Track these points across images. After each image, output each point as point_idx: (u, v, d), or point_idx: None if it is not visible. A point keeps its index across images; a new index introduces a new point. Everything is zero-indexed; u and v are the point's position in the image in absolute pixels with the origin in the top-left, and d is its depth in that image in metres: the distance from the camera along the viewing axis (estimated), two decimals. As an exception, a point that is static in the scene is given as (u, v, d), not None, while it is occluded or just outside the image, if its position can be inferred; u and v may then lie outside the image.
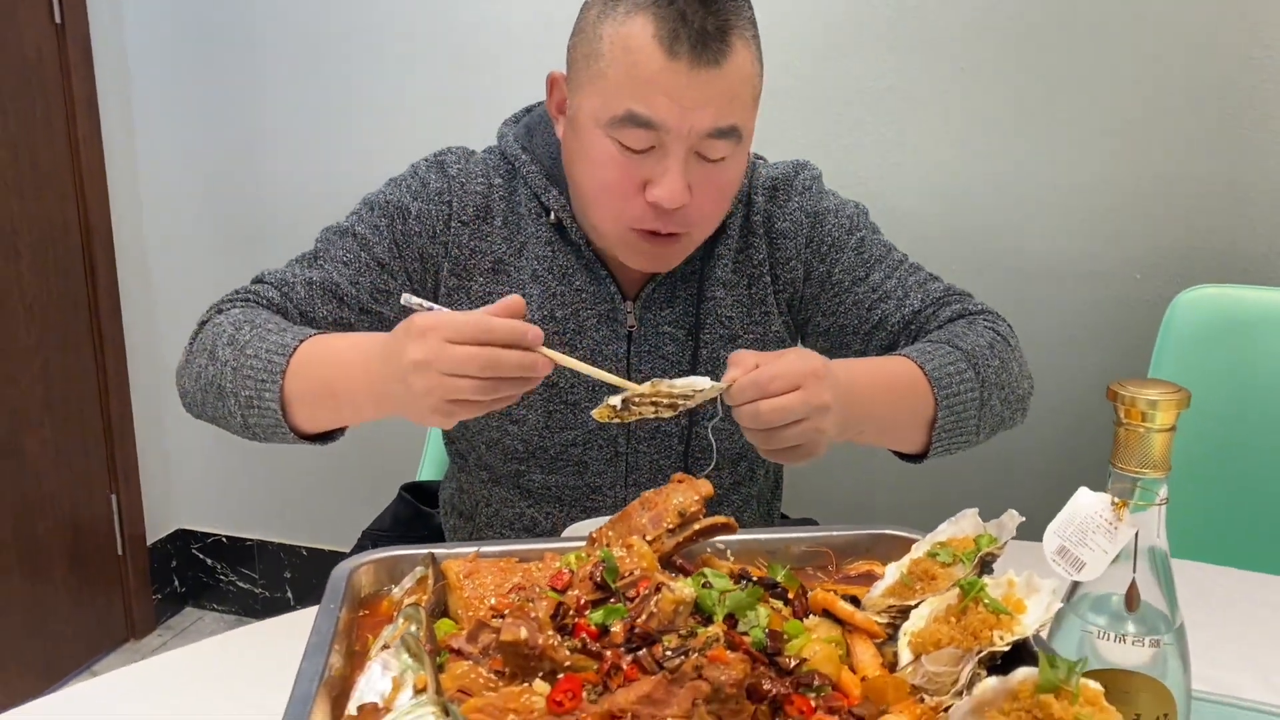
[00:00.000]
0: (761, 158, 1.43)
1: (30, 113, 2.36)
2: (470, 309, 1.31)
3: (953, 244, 2.14)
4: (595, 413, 1.03)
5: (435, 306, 1.04)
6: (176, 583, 2.86)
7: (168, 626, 2.81)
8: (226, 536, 2.85)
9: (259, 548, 2.81)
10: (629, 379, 1.32)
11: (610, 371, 1.32)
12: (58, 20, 2.39)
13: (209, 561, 2.87)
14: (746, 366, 1.03)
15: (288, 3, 2.43)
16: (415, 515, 1.60)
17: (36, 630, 2.46)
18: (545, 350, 0.99)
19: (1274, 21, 1.89)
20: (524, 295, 1.31)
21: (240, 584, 2.86)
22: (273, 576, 2.82)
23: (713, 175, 1.20)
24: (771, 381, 1.01)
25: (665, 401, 1.00)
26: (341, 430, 1.19)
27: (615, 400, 1.01)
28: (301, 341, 1.13)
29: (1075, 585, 0.85)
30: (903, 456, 1.28)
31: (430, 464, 1.75)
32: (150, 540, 2.78)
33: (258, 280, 1.32)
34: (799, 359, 1.04)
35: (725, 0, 1.15)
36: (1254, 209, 1.97)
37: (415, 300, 1.05)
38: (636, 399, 1.00)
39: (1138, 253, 2.05)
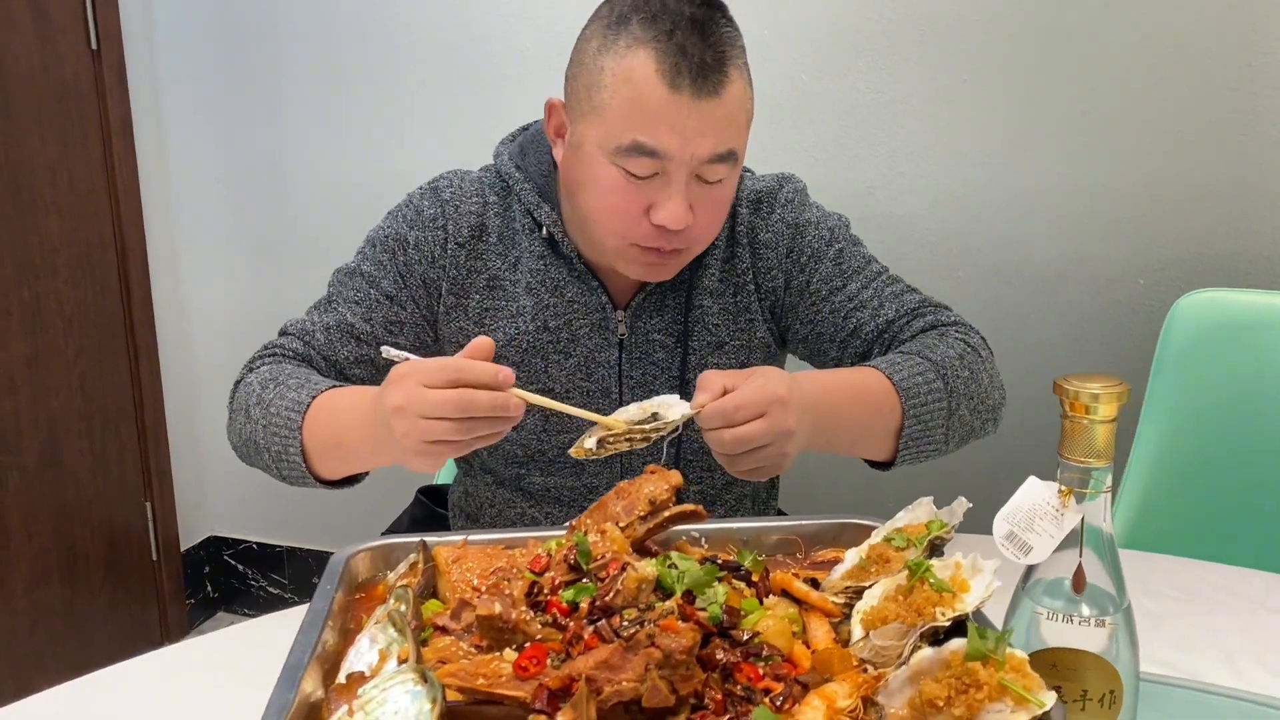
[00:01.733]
0: (749, 170, 1.48)
1: (68, 135, 2.46)
2: (467, 325, 1.39)
3: (957, 251, 2.19)
4: (572, 451, 1.08)
5: (412, 357, 1.08)
6: (209, 588, 2.95)
7: (200, 631, 2.89)
8: (257, 543, 2.94)
9: (288, 554, 2.90)
10: (620, 385, 1.39)
11: (602, 377, 1.39)
12: (94, 46, 2.49)
13: (240, 567, 2.96)
14: (714, 391, 1.08)
15: (311, 28, 2.52)
16: (430, 516, 1.67)
17: (74, 633, 2.55)
18: (517, 391, 1.03)
19: (1276, 27, 1.91)
20: (518, 307, 1.38)
21: (270, 589, 2.94)
22: (301, 581, 2.90)
23: (710, 195, 1.26)
24: (737, 411, 1.06)
25: (639, 436, 1.05)
26: (362, 475, 1.26)
27: (590, 442, 1.06)
28: (314, 397, 1.21)
29: (1029, 571, 0.89)
30: (872, 464, 1.32)
31: (446, 469, 1.82)
32: (183, 547, 2.88)
33: (283, 332, 1.40)
34: (764, 385, 1.08)
35: (721, 31, 1.21)
36: (1257, 213, 1.99)
37: (393, 351, 1.11)
38: (611, 438, 1.05)
39: (1142, 258, 2.08)
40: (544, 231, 1.38)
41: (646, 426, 1.06)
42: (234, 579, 2.97)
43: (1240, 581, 1.31)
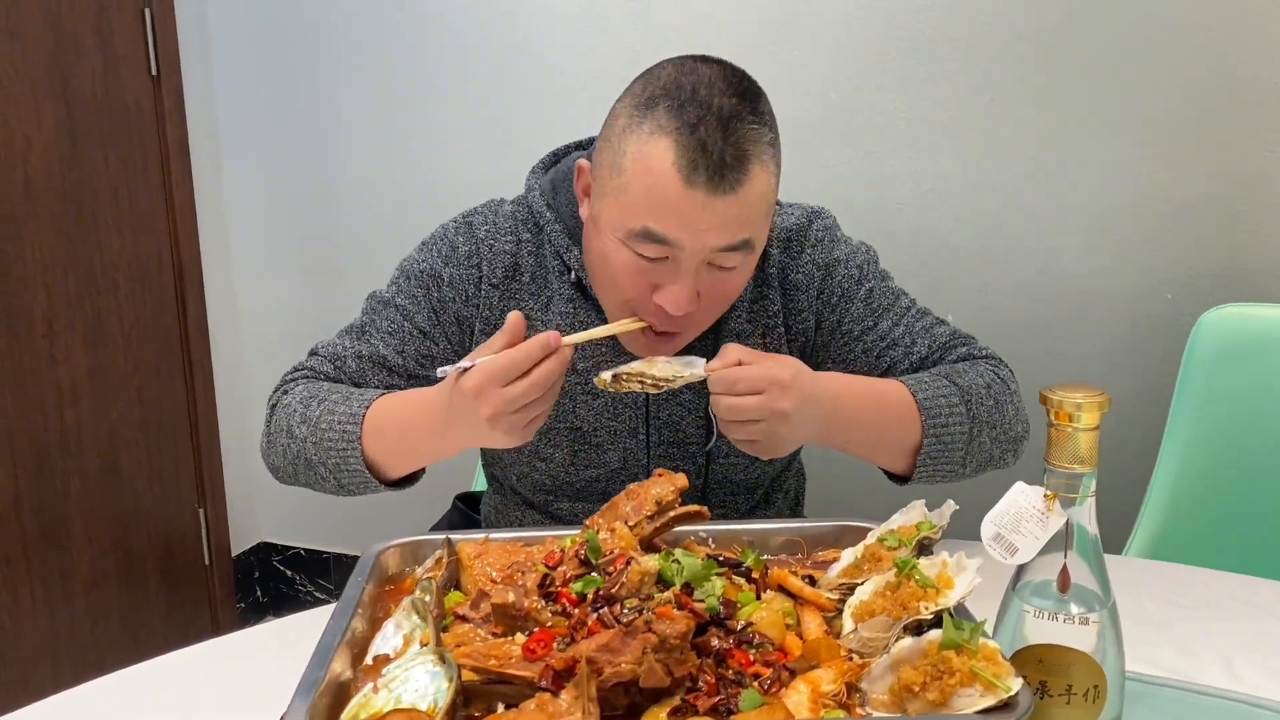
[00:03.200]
0: (778, 202, 1.44)
1: (129, 158, 2.58)
2: None
3: (985, 267, 2.21)
4: (596, 380, 1.17)
5: (464, 365, 1.15)
6: (259, 593, 3.06)
7: (251, 634, 2.99)
8: (305, 549, 3.03)
9: (335, 559, 2.99)
10: (648, 425, 1.42)
11: (631, 418, 1.43)
12: (154, 73, 2.61)
13: (289, 573, 3.06)
14: (729, 360, 1.15)
15: (359, 53, 2.62)
16: (466, 522, 1.72)
17: (130, 633, 2.65)
18: (567, 340, 1.14)
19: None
20: None
21: (317, 594, 3.03)
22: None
23: (720, 282, 1.25)
24: (737, 383, 1.13)
25: (650, 381, 1.15)
26: (422, 471, 1.34)
27: (607, 375, 1.16)
28: (366, 408, 1.29)
29: (1019, 573, 0.94)
30: (891, 477, 1.36)
31: (483, 477, 1.88)
32: (235, 552, 2.98)
33: (312, 353, 1.45)
34: (770, 367, 1.15)
35: (746, 128, 1.17)
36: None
37: (448, 368, 1.18)
38: (626, 375, 1.15)
39: (1169, 273, 2.10)
40: (573, 276, 1.39)
41: (658, 374, 1.15)
42: (283, 584, 3.07)
43: (1248, 589, 1.33)
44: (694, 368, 1.16)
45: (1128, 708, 1.01)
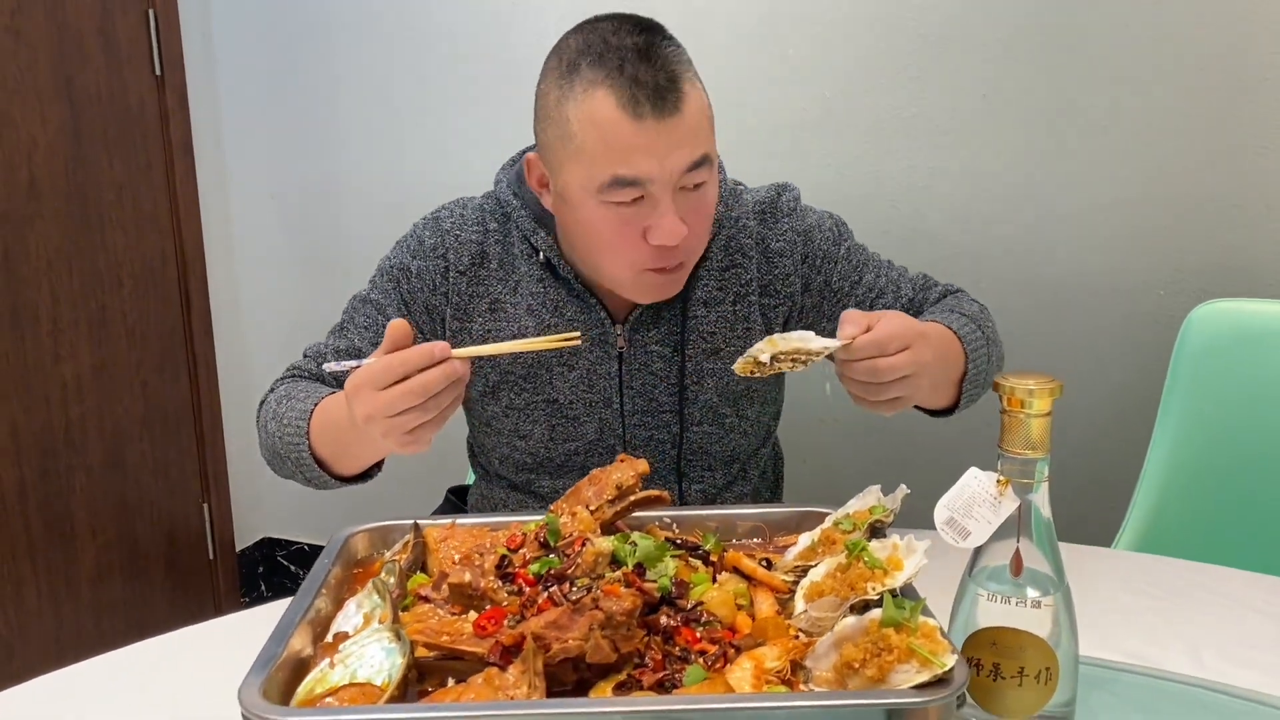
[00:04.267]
0: (740, 183, 1.55)
1: (133, 157, 2.62)
2: (472, 346, 1.46)
3: (978, 262, 2.22)
4: (735, 366, 1.13)
5: (353, 364, 1.15)
6: (263, 587, 3.09)
7: (255, 628, 3.02)
8: (308, 544, 3.06)
9: (337, 555, 3.01)
10: (621, 394, 1.46)
11: (605, 388, 1.45)
12: (158, 73, 2.65)
13: (292, 567, 3.08)
14: (860, 326, 1.15)
15: (364, 52, 2.65)
16: (457, 513, 1.76)
17: (135, 626, 2.68)
18: (458, 352, 1.11)
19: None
20: (520, 328, 1.46)
21: (319, 590, 3.06)
22: (349, 582, 3.01)
23: (696, 202, 1.31)
24: (890, 341, 1.14)
25: (802, 357, 1.11)
26: (374, 470, 1.37)
27: (752, 360, 1.11)
28: (316, 404, 1.33)
29: (975, 558, 0.96)
30: (931, 414, 1.41)
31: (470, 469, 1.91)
32: (239, 547, 3.01)
33: (304, 355, 1.52)
34: (905, 320, 1.18)
35: (665, 52, 1.26)
36: (1275, 223, 2.01)
37: (334, 365, 1.19)
38: (783, 355, 1.11)
39: (1162, 269, 2.10)
40: (541, 256, 1.45)
41: (813, 348, 1.11)
42: (286, 578, 3.09)
43: (1222, 581, 1.34)
44: (810, 341, 1.13)
45: (1091, 693, 1.02)
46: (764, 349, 1.11)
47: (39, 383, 2.45)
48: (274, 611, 1.25)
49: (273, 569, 3.10)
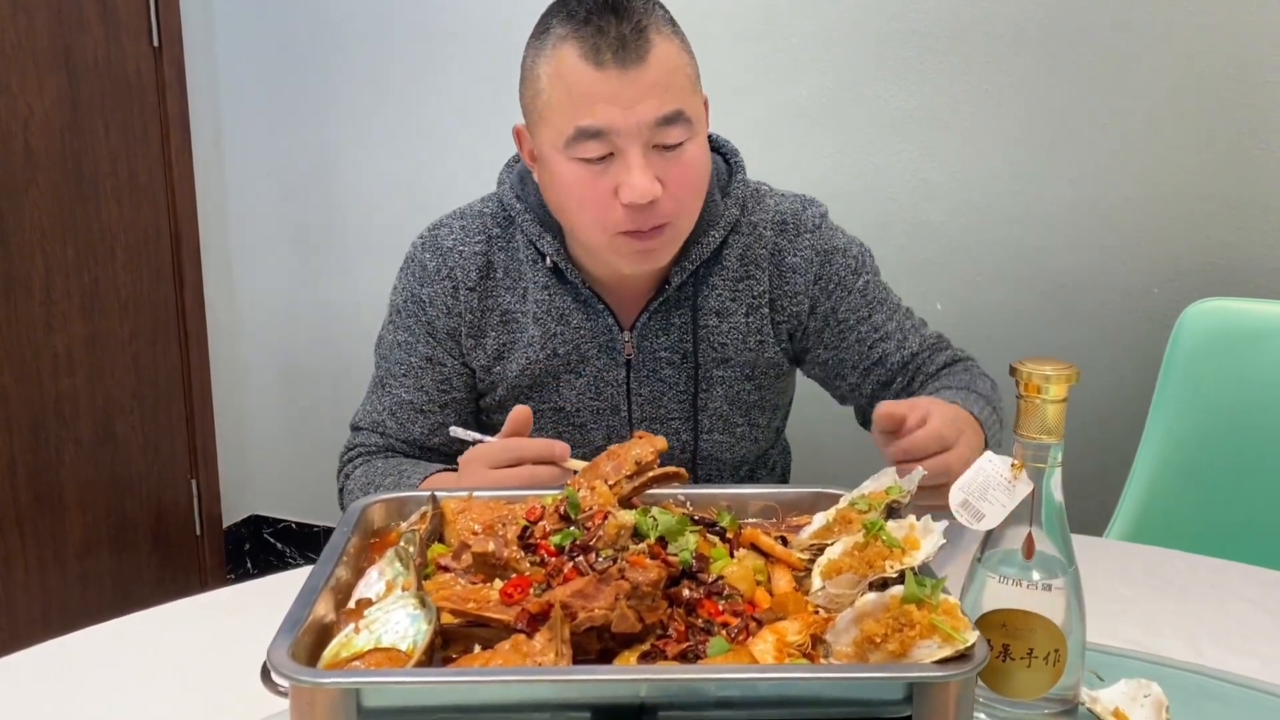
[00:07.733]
0: (764, 184, 1.50)
1: (129, 128, 2.61)
2: (486, 361, 1.46)
3: (976, 257, 2.24)
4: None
5: (482, 437, 1.20)
6: (249, 564, 3.09)
7: (240, 605, 3.02)
8: (296, 522, 3.07)
9: (325, 534, 2.99)
10: (629, 402, 1.45)
11: (611, 395, 1.45)
12: (155, 44, 2.64)
13: (279, 545, 3.09)
14: (910, 424, 1.14)
15: (362, 31, 2.65)
16: None
17: (121, 600, 2.68)
18: (571, 462, 1.16)
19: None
20: (529, 338, 1.44)
21: (307, 567, 3.05)
22: (336, 561, 3.01)
23: (675, 163, 1.27)
24: (947, 433, 1.15)
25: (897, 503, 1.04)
26: None
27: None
28: (419, 484, 1.32)
29: (986, 541, 0.97)
30: None
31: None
32: (226, 523, 3.01)
33: (355, 428, 1.50)
34: (949, 411, 1.19)
35: (634, 4, 1.25)
36: (1271, 223, 2.04)
37: (461, 432, 1.23)
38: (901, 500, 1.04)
39: (1158, 267, 2.13)
40: (547, 261, 1.42)
41: (906, 486, 1.06)
42: (273, 556, 3.10)
43: (1218, 572, 1.35)
44: (882, 477, 1.09)
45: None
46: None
47: (30, 354, 2.44)
48: (263, 586, 1.26)
49: (259, 546, 3.10)
